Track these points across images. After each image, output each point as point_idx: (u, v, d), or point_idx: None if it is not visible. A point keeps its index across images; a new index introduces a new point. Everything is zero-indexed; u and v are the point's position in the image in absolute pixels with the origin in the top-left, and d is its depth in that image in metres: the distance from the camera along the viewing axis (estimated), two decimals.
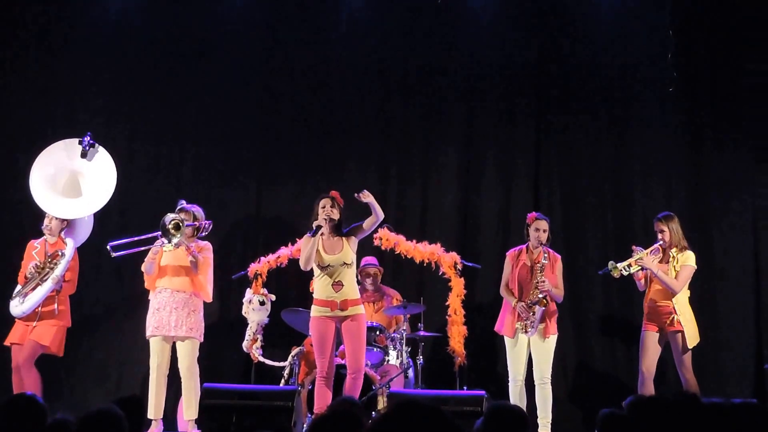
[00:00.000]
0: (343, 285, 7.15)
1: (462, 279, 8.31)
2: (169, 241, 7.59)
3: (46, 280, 7.81)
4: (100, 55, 9.42)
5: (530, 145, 9.36)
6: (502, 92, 9.43)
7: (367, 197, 7.08)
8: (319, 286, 7.22)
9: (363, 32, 9.52)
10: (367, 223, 7.21)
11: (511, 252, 7.96)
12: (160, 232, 7.64)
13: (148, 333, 7.76)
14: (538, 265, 7.68)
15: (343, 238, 7.23)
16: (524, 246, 7.88)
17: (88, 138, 8.18)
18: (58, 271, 7.81)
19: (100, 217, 8.45)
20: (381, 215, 7.16)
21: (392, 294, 8.65)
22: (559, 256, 7.91)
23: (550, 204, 9.21)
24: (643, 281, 7.84)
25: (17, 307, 7.81)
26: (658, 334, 7.70)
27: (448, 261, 8.31)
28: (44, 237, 8.02)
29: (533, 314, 7.62)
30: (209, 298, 7.87)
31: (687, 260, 7.72)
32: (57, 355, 7.89)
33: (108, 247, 7.74)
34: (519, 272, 7.78)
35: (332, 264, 7.15)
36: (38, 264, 7.85)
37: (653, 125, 9.28)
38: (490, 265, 8.73)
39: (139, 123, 9.47)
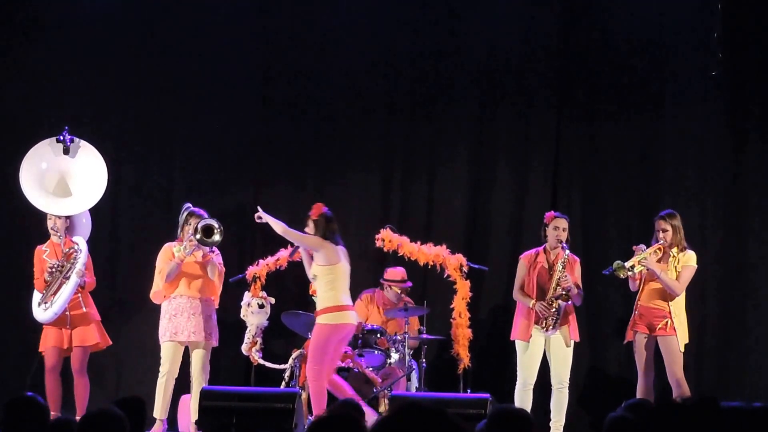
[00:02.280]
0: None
1: (468, 282, 8.27)
2: (210, 247, 7.78)
3: (69, 276, 7.85)
4: (87, 54, 9.26)
5: (549, 139, 9.05)
6: (518, 79, 9.08)
7: (261, 218, 7.54)
8: None
9: (365, 20, 9.26)
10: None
11: (526, 254, 7.87)
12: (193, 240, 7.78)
13: (164, 338, 7.87)
14: (558, 263, 7.62)
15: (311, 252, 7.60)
16: (541, 248, 7.81)
17: (66, 133, 8.18)
18: (80, 264, 7.86)
19: (92, 221, 8.44)
20: (279, 231, 7.54)
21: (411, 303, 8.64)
22: (578, 259, 7.87)
23: (569, 203, 8.98)
24: (638, 282, 7.72)
25: (47, 311, 7.81)
26: (647, 337, 7.62)
27: (453, 263, 8.27)
28: (50, 239, 8.04)
29: (555, 310, 7.58)
30: (217, 304, 8.03)
31: (689, 260, 7.64)
32: (108, 345, 8.07)
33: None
34: (537, 274, 7.72)
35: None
36: (57, 264, 7.87)
37: (691, 113, 8.85)
38: (499, 267, 8.62)
39: (128, 123, 9.36)
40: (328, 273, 7.44)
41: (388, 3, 9.33)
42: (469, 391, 8.09)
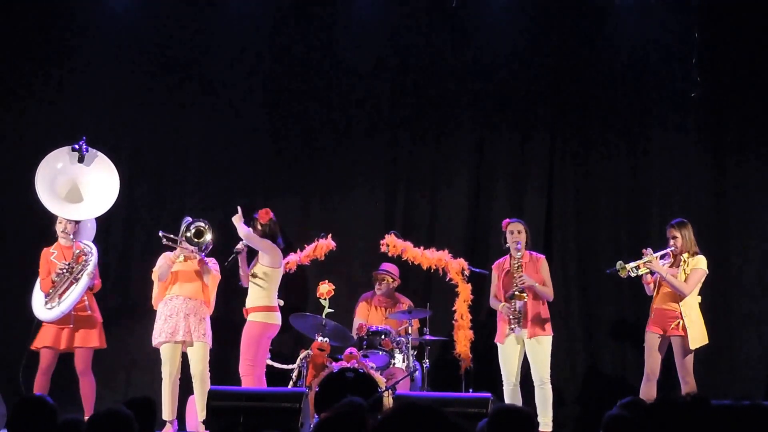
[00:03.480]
0: None
1: (469, 285, 8.43)
2: (199, 248, 7.94)
3: (79, 278, 7.97)
4: (104, 65, 9.44)
5: (544, 152, 9.30)
6: (516, 99, 9.38)
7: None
8: None
9: (372, 39, 9.51)
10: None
11: (495, 263, 8.12)
12: (183, 240, 7.95)
13: (160, 339, 7.98)
14: (514, 263, 7.83)
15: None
16: (507, 256, 8.01)
17: (83, 143, 8.31)
18: (91, 267, 7.99)
19: (105, 226, 8.54)
20: (242, 234, 7.91)
21: (405, 302, 8.73)
22: (542, 256, 8.06)
23: (563, 211, 9.23)
24: (651, 286, 7.89)
25: (53, 309, 7.89)
26: (660, 337, 7.76)
27: (455, 267, 8.43)
28: (58, 241, 8.15)
29: (514, 309, 7.77)
30: (211, 311, 8.18)
31: (698, 264, 7.79)
32: (104, 348, 8.18)
33: (160, 233, 8.08)
34: (504, 280, 7.95)
35: None
36: (67, 265, 7.97)
37: (674, 132, 9.16)
38: None
39: (142, 133, 9.52)
40: (269, 276, 7.90)
41: (394, 27, 9.53)
42: (470, 390, 8.19)
